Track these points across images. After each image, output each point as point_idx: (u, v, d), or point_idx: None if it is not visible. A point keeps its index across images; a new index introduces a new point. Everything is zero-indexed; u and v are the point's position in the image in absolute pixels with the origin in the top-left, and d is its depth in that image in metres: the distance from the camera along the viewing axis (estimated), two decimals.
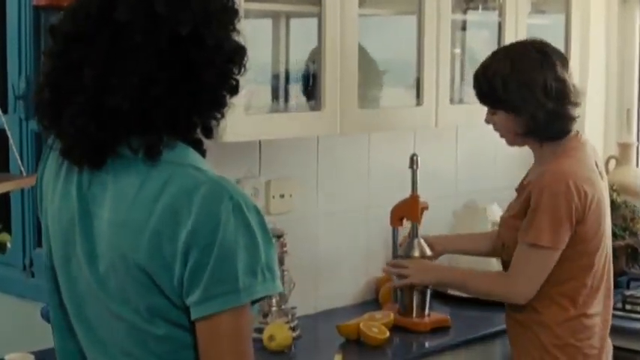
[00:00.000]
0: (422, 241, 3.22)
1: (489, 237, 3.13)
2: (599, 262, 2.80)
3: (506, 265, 2.88)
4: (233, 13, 1.71)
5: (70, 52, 1.63)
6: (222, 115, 1.72)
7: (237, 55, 1.69)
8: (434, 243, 3.23)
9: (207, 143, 1.76)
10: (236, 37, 1.70)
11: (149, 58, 1.59)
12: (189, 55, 1.62)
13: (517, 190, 2.91)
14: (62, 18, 1.68)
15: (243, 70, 1.71)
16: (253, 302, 1.62)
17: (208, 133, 1.73)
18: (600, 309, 2.84)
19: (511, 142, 2.89)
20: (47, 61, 1.68)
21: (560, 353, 2.77)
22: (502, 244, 2.89)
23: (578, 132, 2.86)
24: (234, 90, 1.71)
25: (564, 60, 2.85)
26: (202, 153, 1.72)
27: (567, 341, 2.77)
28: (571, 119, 2.80)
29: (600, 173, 2.83)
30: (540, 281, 2.73)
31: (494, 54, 2.91)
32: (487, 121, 2.89)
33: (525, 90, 2.74)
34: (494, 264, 3.44)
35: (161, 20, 1.60)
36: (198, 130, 1.71)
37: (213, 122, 1.72)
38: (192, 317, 1.61)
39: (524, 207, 2.75)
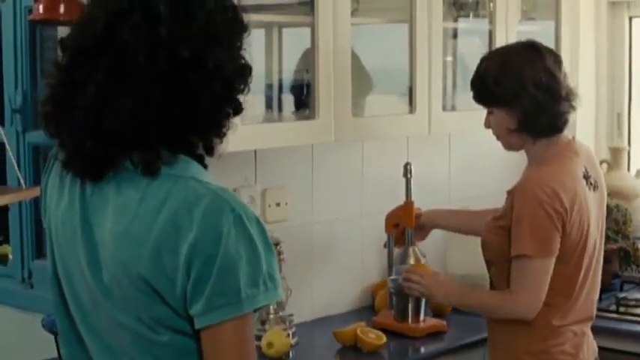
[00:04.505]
0: (417, 249, 3.25)
1: (484, 215, 3.09)
2: (580, 273, 2.78)
3: (489, 264, 2.87)
4: (241, 30, 1.72)
5: (75, 67, 1.66)
6: (224, 135, 1.73)
7: (239, 76, 1.70)
8: (424, 220, 3.26)
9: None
10: (243, 55, 1.71)
11: (148, 79, 1.61)
12: (188, 77, 1.63)
13: (508, 192, 2.90)
14: (71, 32, 1.71)
15: (247, 90, 1.73)
16: (255, 310, 1.64)
17: (209, 151, 1.74)
18: (579, 318, 2.81)
19: (506, 143, 2.86)
20: (55, 73, 1.70)
21: (528, 358, 2.77)
22: (483, 243, 2.88)
23: (573, 138, 2.86)
24: (237, 110, 1.73)
25: (557, 57, 2.85)
26: (204, 167, 1.73)
27: (538, 347, 2.76)
28: (561, 115, 2.78)
29: (592, 183, 2.80)
30: (543, 291, 2.70)
31: (486, 55, 2.93)
32: (486, 124, 2.87)
33: (516, 83, 2.74)
34: None
35: (163, 42, 1.62)
36: (200, 147, 1.72)
37: (215, 141, 1.73)
38: (196, 327, 1.63)
39: (507, 211, 2.74)
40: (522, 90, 2.74)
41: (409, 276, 3.10)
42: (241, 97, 1.73)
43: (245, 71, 1.72)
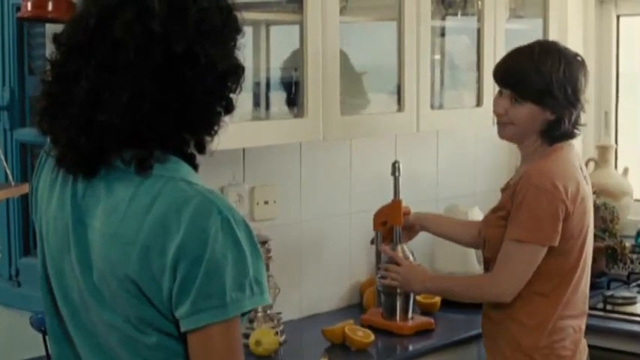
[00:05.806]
0: (405, 247, 3.25)
1: (472, 226, 3.14)
2: (580, 264, 2.81)
3: (487, 262, 2.89)
4: (233, 31, 1.73)
5: (68, 63, 1.66)
6: (215, 132, 1.73)
7: (231, 74, 1.71)
8: (413, 220, 3.26)
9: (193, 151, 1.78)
10: (236, 55, 1.72)
11: (142, 74, 1.61)
12: (181, 72, 1.64)
13: (502, 190, 2.91)
14: (64, 28, 1.71)
15: (239, 89, 1.73)
16: (242, 314, 1.64)
17: (201, 148, 1.74)
18: (576, 311, 2.84)
19: (511, 133, 2.84)
20: (49, 70, 1.70)
21: (533, 353, 2.79)
22: (484, 241, 2.90)
23: None
24: (229, 108, 1.73)
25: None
26: (195, 167, 1.74)
27: (541, 342, 2.78)
28: (579, 123, 2.84)
29: (585, 177, 2.84)
30: (524, 277, 2.73)
31: (543, 47, 2.85)
32: (501, 109, 2.82)
33: (572, 92, 2.76)
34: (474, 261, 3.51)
35: (156, 38, 1.62)
36: (192, 145, 1.73)
37: (207, 138, 1.74)
38: (182, 329, 1.63)
39: (507, 205, 2.77)
40: (577, 100, 2.78)
41: (387, 266, 3.12)
42: (233, 96, 1.73)
43: (238, 70, 1.73)
